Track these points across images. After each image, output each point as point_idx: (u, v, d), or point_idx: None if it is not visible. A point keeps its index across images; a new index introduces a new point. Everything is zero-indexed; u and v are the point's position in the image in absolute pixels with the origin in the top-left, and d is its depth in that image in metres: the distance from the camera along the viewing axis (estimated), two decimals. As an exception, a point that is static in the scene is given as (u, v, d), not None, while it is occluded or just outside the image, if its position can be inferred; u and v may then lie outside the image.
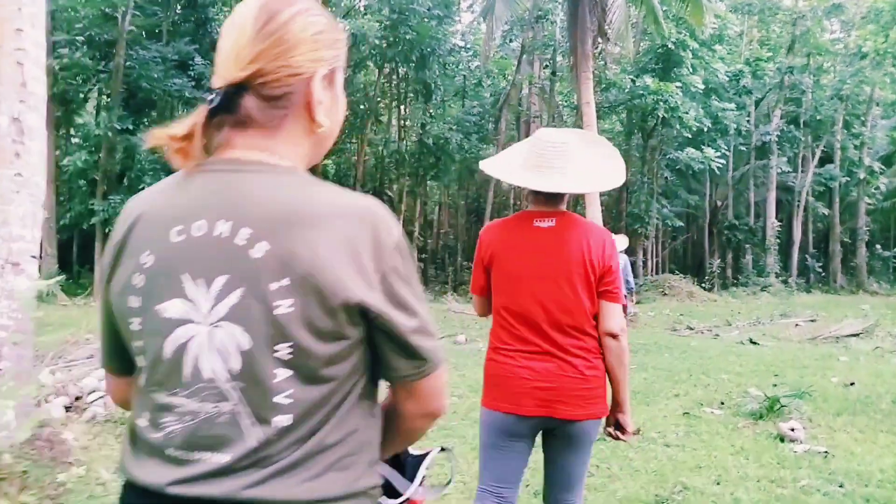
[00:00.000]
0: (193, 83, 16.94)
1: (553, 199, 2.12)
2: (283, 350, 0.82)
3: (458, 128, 19.84)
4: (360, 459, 0.91)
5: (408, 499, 1.05)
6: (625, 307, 2.46)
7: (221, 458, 0.83)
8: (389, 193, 23.70)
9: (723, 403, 5.79)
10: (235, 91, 0.88)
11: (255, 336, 0.82)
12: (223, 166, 0.89)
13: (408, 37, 17.71)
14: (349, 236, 0.84)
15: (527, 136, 26.09)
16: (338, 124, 1.00)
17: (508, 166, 2.22)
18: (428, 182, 22.91)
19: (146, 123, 17.79)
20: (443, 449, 1.18)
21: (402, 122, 20.14)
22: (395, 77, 21.40)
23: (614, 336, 2.07)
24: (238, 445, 0.83)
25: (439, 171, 21.29)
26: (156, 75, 16.51)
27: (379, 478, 0.96)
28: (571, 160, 2.08)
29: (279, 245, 0.82)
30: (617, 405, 2.19)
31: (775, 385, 6.56)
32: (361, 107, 20.32)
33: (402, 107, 21.21)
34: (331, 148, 1.07)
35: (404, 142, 21.31)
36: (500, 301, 2.14)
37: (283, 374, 0.83)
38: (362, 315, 0.84)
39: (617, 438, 2.27)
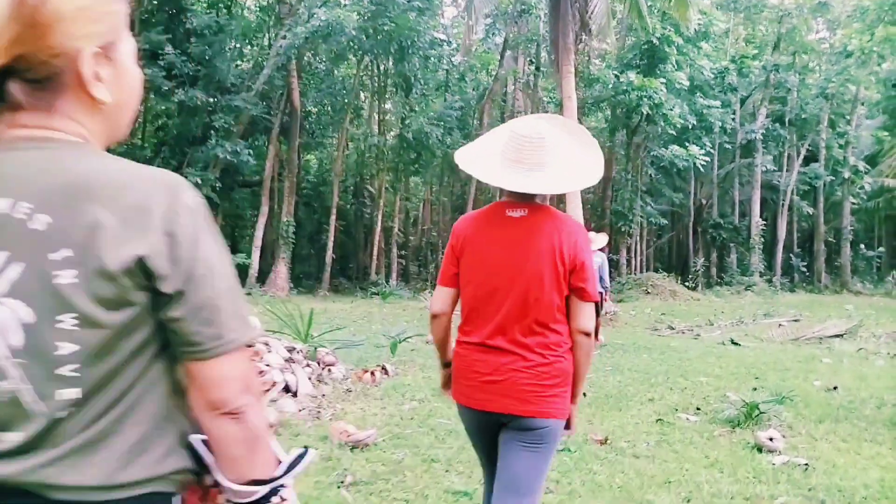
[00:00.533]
0: (164, 73, 16.47)
1: (525, 194, 2.05)
2: (68, 321, 0.82)
3: (439, 122, 19.44)
4: (161, 441, 0.89)
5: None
6: (597, 304, 2.34)
7: (15, 438, 0.83)
8: (371, 189, 23.34)
9: (699, 409, 5.48)
10: None
11: (37, 309, 0.81)
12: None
13: (387, 28, 17.31)
14: (137, 202, 0.83)
15: (502, 118, 25.78)
16: (131, 97, 0.97)
17: (484, 162, 2.13)
18: (411, 178, 22.49)
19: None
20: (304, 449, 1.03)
21: (382, 116, 19.71)
22: (374, 70, 20.98)
23: (587, 334, 2.03)
24: (26, 424, 0.82)
25: (420, 167, 20.90)
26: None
27: (185, 461, 0.92)
28: (550, 153, 2.01)
29: (60, 216, 0.82)
30: (571, 395, 2.12)
31: (755, 389, 6.27)
32: (339, 100, 19.90)
33: (382, 101, 20.77)
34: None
35: (384, 136, 20.90)
36: (466, 292, 2.09)
37: (68, 347, 0.82)
38: (147, 277, 0.83)
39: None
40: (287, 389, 5.48)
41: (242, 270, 18.92)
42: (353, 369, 6.95)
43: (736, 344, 9.88)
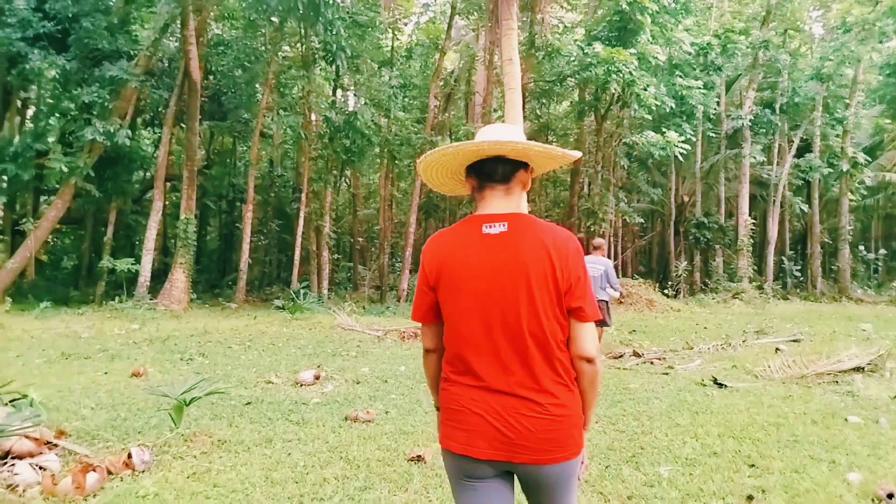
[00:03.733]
0: (20, 34, 13.53)
1: (504, 197, 1.91)
2: None
3: (374, 102, 16.66)
4: None
5: None
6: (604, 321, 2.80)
7: None
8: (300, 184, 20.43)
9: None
10: None
11: None
12: None
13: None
14: None
15: (466, 107, 23.09)
16: None
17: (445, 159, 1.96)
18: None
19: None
20: None
21: (305, 93, 16.95)
22: (285, 36, 18.00)
23: (589, 360, 1.85)
24: None
25: (353, 156, 18.10)
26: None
27: None
28: (515, 135, 1.89)
29: None
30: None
31: (751, 498, 3.63)
32: (252, 74, 17.02)
33: (310, 76, 17.89)
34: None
35: (307, 118, 18.03)
36: (450, 329, 1.90)
37: None
38: None
39: None
40: None
41: (130, 279, 16.02)
42: (86, 456, 4.25)
43: (720, 385, 7.23)
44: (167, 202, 26.76)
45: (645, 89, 17.50)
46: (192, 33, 15.44)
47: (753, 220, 23.76)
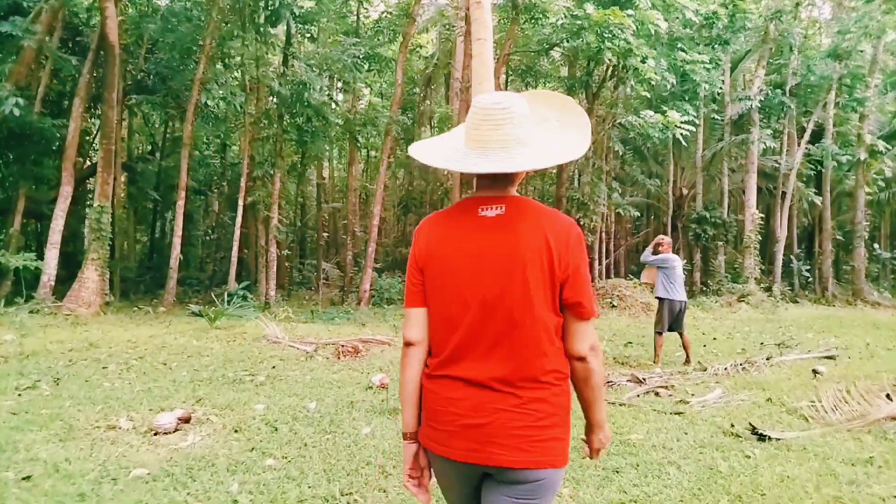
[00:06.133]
0: None
1: (500, 181, 1.75)
2: None
3: (325, 70, 14.37)
4: None
5: None
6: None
7: None
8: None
9: None
10: None
11: None
12: None
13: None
14: None
15: (447, 90, 20.90)
16: None
17: (442, 148, 1.80)
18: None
19: None
20: None
21: (244, 60, 14.63)
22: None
23: (582, 359, 1.73)
24: None
25: (308, 136, 15.80)
26: None
27: None
28: (518, 127, 1.66)
29: None
30: (589, 427, 1.87)
31: None
32: (185, 38, 14.67)
33: (261, 39, 15.51)
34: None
35: (248, 91, 15.71)
36: (434, 315, 1.78)
37: None
38: None
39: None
40: None
41: (32, 279, 13.67)
42: None
43: (762, 437, 5.05)
44: (122, 192, 24.47)
45: (643, 61, 15.36)
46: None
47: (761, 216, 21.69)
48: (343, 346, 9.17)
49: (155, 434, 5.20)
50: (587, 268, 1.72)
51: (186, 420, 5.57)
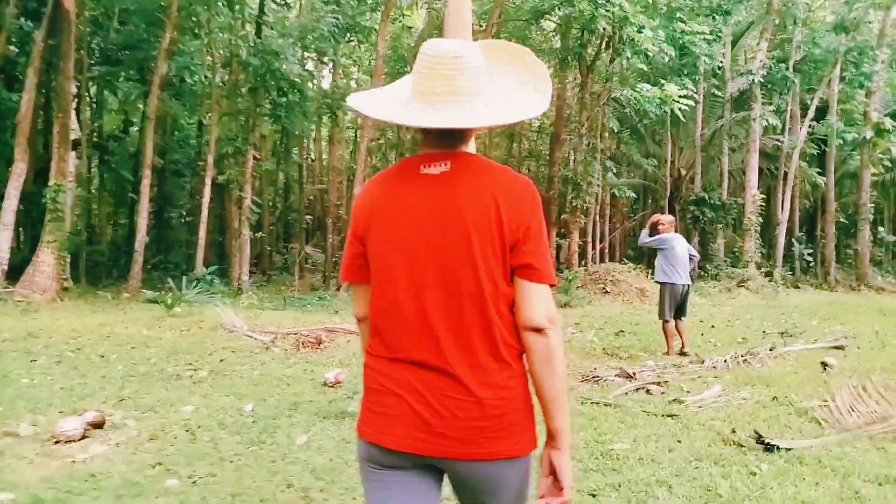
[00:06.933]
0: None
1: (449, 138, 1.55)
2: None
3: (300, 39, 13.45)
4: None
5: None
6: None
7: None
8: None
9: None
10: None
11: None
12: None
13: None
14: None
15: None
16: None
17: (386, 98, 1.59)
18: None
19: None
20: None
21: (209, 30, 13.70)
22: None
23: (538, 330, 1.47)
24: None
25: (279, 110, 14.91)
26: None
27: None
28: (470, 78, 1.49)
29: None
30: (548, 436, 1.54)
31: None
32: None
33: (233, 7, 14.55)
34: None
35: (223, 64, 14.80)
36: (374, 287, 1.59)
37: None
38: None
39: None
40: None
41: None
42: None
43: (769, 447, 4.29)
44: (103, 173, 23.57)
45: (639, 31, 14.49)
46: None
47: (762, 197, 20.92)
48: (306, 335, 8.40)
49: (56, 442, 4.45)
50: (542, 229, 1.53)
51: (98, 425, 4.80)
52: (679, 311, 8.28)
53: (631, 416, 5.15)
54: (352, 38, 16.80)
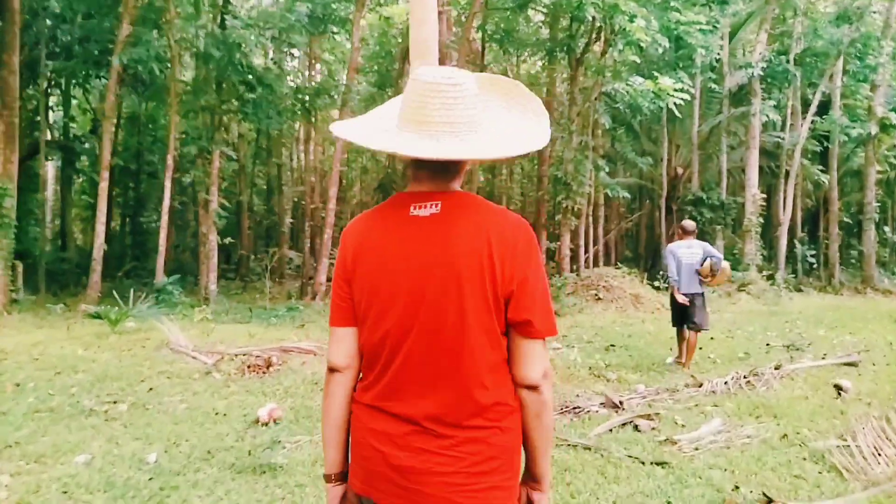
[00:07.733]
0: None
1: (441, 173, 1.51)
2: None
3: (265, 29, 12.60)
4: None
5: None
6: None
7: None
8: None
9: None
10: None
11: None
12: None
13: None
14: None
15: (402, 63, 19.28)
16: None
17: (374, 125, 1.53)
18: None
19: None
20: None
21: (165, 19, 12.86)
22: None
23: (533, 388, 1.47)
24: None
25: (249, 107, 14.08)
26: None
27: None
28: (469, 108, 1.44)
29: None
30: (532, 478, 1.55)
31: None
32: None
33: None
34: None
35: (182, 56, 13.94)
36: (362, 332, 1.55)
37: None
38: None
39: None
40: None
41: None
42: None
43: (781, 514, 3.47)
44: (71, 176, 22.67)
45: (631, 20, 13.69)
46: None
47: (762, 196, 20.16)
48: (256, 356, 7.56)
49: None
50: (541, 278, 1.47)
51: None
52: (685, 320, 7.95)
53: (613, 465, 4.33)
54: (331, 31, 15.97)
